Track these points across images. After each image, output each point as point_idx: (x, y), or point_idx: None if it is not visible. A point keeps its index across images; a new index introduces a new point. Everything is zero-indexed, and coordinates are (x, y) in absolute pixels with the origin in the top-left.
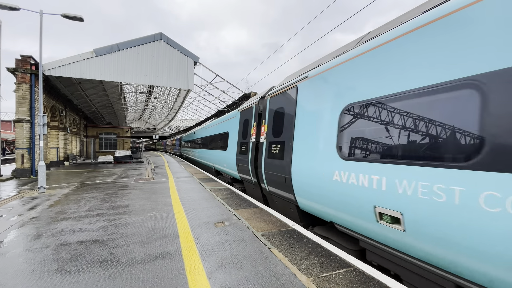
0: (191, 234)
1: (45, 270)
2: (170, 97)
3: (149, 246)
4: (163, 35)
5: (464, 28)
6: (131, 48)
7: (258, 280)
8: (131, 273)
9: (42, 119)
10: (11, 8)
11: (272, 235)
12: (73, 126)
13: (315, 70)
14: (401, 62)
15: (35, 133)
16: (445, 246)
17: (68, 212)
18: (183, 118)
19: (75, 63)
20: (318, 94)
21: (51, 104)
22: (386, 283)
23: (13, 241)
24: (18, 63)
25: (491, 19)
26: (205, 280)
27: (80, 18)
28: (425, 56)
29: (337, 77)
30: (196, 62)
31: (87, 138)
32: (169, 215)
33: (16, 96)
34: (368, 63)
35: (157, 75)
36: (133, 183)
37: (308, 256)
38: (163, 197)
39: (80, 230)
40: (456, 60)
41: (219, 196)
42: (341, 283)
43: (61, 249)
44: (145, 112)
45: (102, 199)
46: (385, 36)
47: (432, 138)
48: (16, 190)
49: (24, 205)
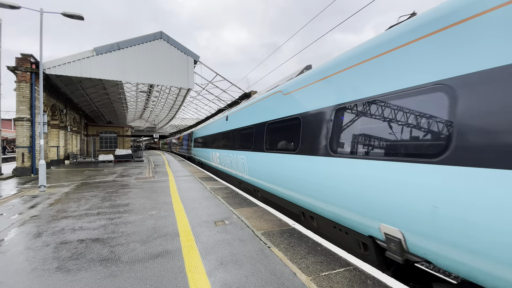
0: (191, 232)
1: (46, 268)
2: (170, 96)
3: (150, 244)
4: (164, 33)
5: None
6: (131, 46)
7: (258, 279)
8: (131, 271)
9: (43, 118)
10: (11, 7)
11: (272, 234)
12: (74, 125)
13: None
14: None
15: (35, 131)
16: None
17: (68, 210)
18: (183, 117)
19: (75, 61)
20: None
21: (51, 102)
22: (385, 282)
23: (13, 240)
24: (19, 62)
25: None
26: (205, 279)
27: (80, 17)
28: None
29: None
30: (197, 61)
31: (87, 137)
32: (170, 213)
33: (17, 94)
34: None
35: (157, 74)
36: (134, 182)
37: (308, 255)
38: (164, 196)
39: (81, 229)
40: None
41: (219, 195)
42: (341, 282)
43: (62, 248)
44: (145, 111)
45: (102, 198)
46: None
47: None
48: (17, 189)
49: (24, 204)
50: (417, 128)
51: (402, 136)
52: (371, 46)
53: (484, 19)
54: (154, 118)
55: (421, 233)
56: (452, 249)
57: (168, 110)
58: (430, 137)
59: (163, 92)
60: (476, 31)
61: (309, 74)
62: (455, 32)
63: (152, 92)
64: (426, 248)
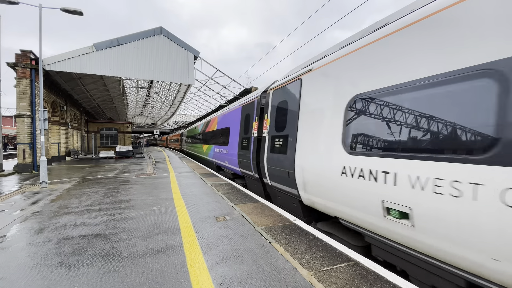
0: (192, 228)
1: (48, 263)
2: (170, 92)
3: (151, 240)
4: (163, 29)
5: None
6: (131, 42)
7: (259, 273)
8: (133, 266)
9: (43, 114)
10: (10, 2)
11: (273, 229)
12: (74, 121)
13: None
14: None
15: (36, 128)
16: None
17: (70, 206)
18: (184, 114)
19: (75, 57)
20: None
21: (51, 99)
22: (386, 277)
23: (15, 235)
24: (18, 58)
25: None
26: (207, 274)
27: (80, 12)
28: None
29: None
30: (197, 57)
31: (88, 133)
32: (171, 209)
33: (17, 91)
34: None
35: (157, 69)
36: (135, 178)
37: (309, 250)
38: (165, 192)
39: (82, 225)
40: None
41: (220, 191)
42: (342, 277)
43: (64, 243)
44: (145, 107)
45: (103, 194)
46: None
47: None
48: (18, 185)
49: (26, 200)
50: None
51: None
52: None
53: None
54: (155, 115)
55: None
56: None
57: (169, 106)
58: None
59: (163, 88)
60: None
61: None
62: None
63: (152, 88)
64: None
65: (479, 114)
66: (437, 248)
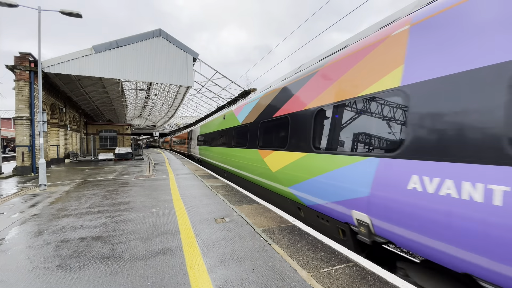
0: (192, 230)
1: (47, 266)
2: (169, 94)
3: (150, 242)
4: (162, 31)
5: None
6: (130, 44)
7: (258, 275)
8: (132, 269)
9: (42, 117)
10: (8, 5)
11: (272, 231)
12: (73, 124)
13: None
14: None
15: (35, 130)
16: None
17: (69, 209)
18: (183, 115)
19: (74, 60)
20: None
21: (50, 101)
22: (386, 278)
23: (14, 238)
24: (17, 60)
25: None
26: (206, 276)
27: (79, 15)
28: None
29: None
30: (196, 59)
31: (87, 136)
32: (170, 211)
33: (16, 93)
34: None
35: (156, 71)
36: (134, 180)
37: (309, 251)
38: (164, 194)
39: (82, 227)
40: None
41: (219, 193)
42: (342, 278)
43: (63, 246)
44: (145, 109)
45: (103, 196)
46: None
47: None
48: (17, 188)
49: (25, 202)
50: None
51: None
52: None
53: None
54: (154, 116)
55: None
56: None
57: (168, 108)
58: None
59: (162, 90)
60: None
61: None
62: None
63: (151, 90)
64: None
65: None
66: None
